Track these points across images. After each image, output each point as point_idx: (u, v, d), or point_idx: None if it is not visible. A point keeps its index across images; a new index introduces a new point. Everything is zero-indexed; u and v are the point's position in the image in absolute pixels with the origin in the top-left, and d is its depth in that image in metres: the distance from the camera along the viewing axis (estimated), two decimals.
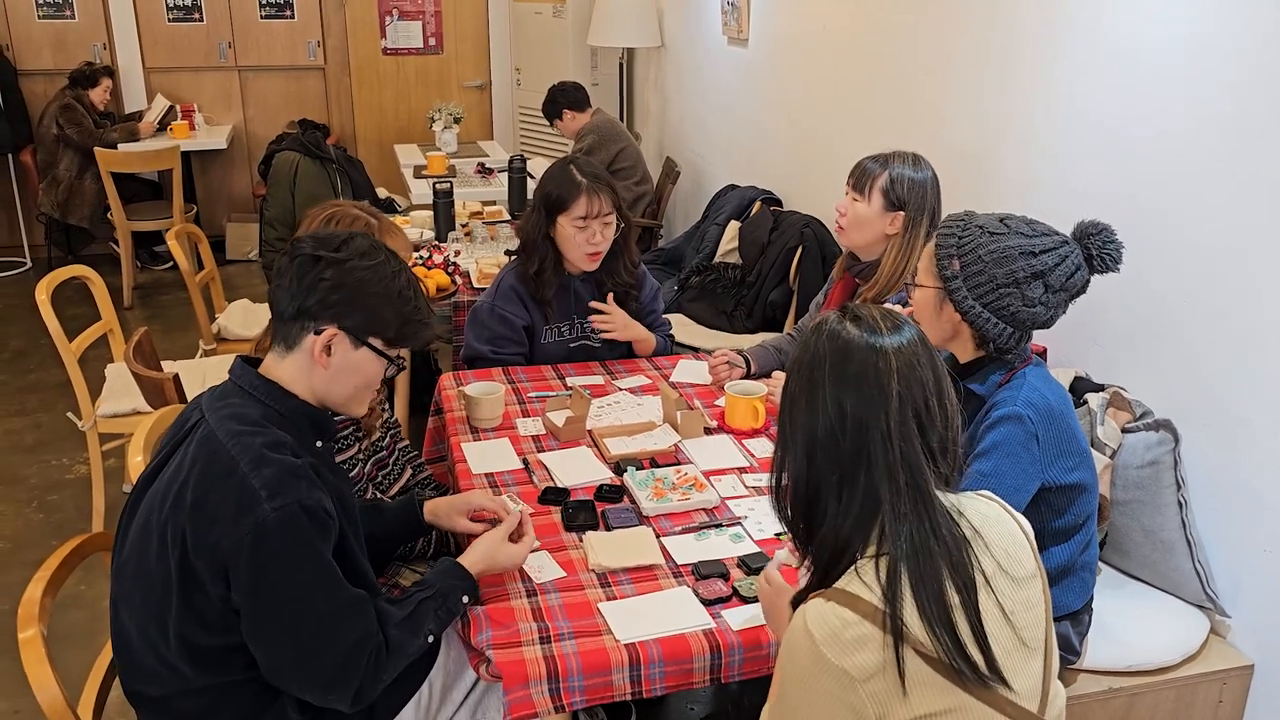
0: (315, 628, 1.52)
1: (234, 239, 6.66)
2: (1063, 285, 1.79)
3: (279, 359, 1.64)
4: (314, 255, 1.60)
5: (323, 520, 1.53)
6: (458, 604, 1.73)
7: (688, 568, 1.90)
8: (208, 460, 1.53)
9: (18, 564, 3.26)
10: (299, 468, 1.53)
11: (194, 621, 1.54)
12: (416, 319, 1.67)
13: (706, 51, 5.43)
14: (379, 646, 1.58)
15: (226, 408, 1.59)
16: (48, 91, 6.23)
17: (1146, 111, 2.38)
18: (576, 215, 2.65)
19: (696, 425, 2.42)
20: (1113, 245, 1.80)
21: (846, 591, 1.26)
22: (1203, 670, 2.14)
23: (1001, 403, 1.82)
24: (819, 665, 1.23)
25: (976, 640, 1.24)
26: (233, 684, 1.59)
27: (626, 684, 1.67)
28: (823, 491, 1.32)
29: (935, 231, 1.88)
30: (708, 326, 4.19)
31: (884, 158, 2.52)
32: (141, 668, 1.61)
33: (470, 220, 4.37)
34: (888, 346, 1.31)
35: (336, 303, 1.59)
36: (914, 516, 1.27)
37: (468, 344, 2.85)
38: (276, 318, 1.64)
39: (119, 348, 3.46)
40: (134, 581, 1.60)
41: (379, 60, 7.11)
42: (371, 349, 1.63)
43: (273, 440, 1.55)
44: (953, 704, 1.24)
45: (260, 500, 1.47)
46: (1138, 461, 2.22)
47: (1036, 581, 1.35)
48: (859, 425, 1.29)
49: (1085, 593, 1.94)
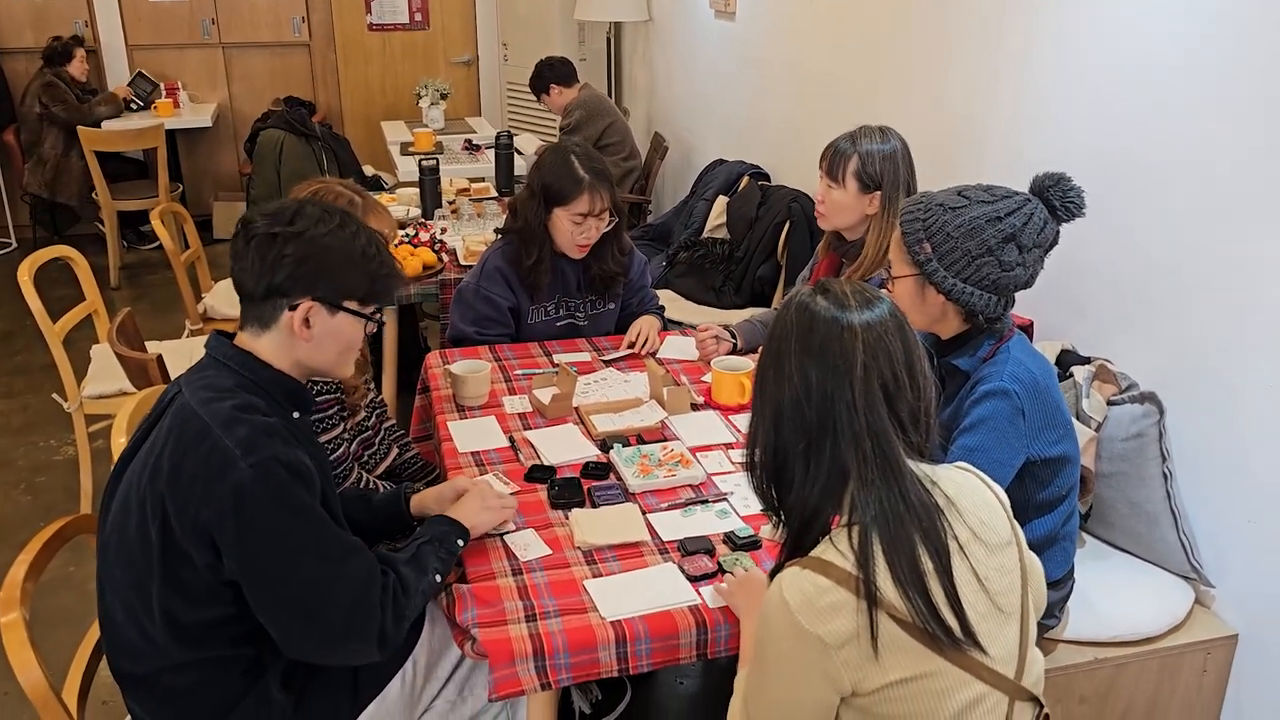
0: (315, 577, 1.51)
1: (221, 218, 6.62)
2: (1035, 242, 1.79)
3: (255, 336, 1.64)
4: (269, 233, 1.59)
5: (302, 472, 1.53)
6: (454, 546, 1.75)
7: (674, 544, 1.90)
8: (181, 429, 1.53)
9: (5, 546, 3.25)
10: (271, 425, 1.53)
11: (177, 595, 1.53)
12: (384, 273, 1.68)
13: (694, 25, 5.40)
14: (392, 585, 1.59)
15: (201, 379, 1.60)
16: (29, 70, 6.16)
17: (1135, 80, 2.36)
18: (576, 211, 2.63)
19: (683, 401, 2.42)
20: (1073, 192, 1.80)
21: (821, 559, 1.28)
22: (1187, 640, 2.15)
23: (987, 378, 1.82)
24: (794, 632, 1.25)
25: (950, 605, 1.26)
26: (218, 660, 1.59)
27: (613, 661, 1.67)
28: (790, 459, 1.34)
29: (897, 220, 1.87)
30: (696, 302, 4.18)
31: (851, 136, 2.50)
32: (126, 645, 1.61)
33: (457, 197, 4.35)
34: (854, 320, 1.32)
35: (304, 275, 1.59)
36: (883, 484, 1.28)
37: (453, 325, 2.83)
38: (245, 299, 1.64)
39: (104, 328, 3.44)
40: (116, 557, 1.60)
41: (365, 36, 7.05)
42: (348, 311, 1.65)
43: (243, 403, 1.55)
44: (928, 669, 1.26)
45: (236, 459, 1.47)
46: (1123, 434, 2.23)
47: (1012, 548, 1.36)
48: (824, 395, 1.30)
49: (1066, 562, 1.95)
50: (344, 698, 1.71)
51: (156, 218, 3.79)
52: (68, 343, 3.23)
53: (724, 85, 5.08)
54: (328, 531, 1.55)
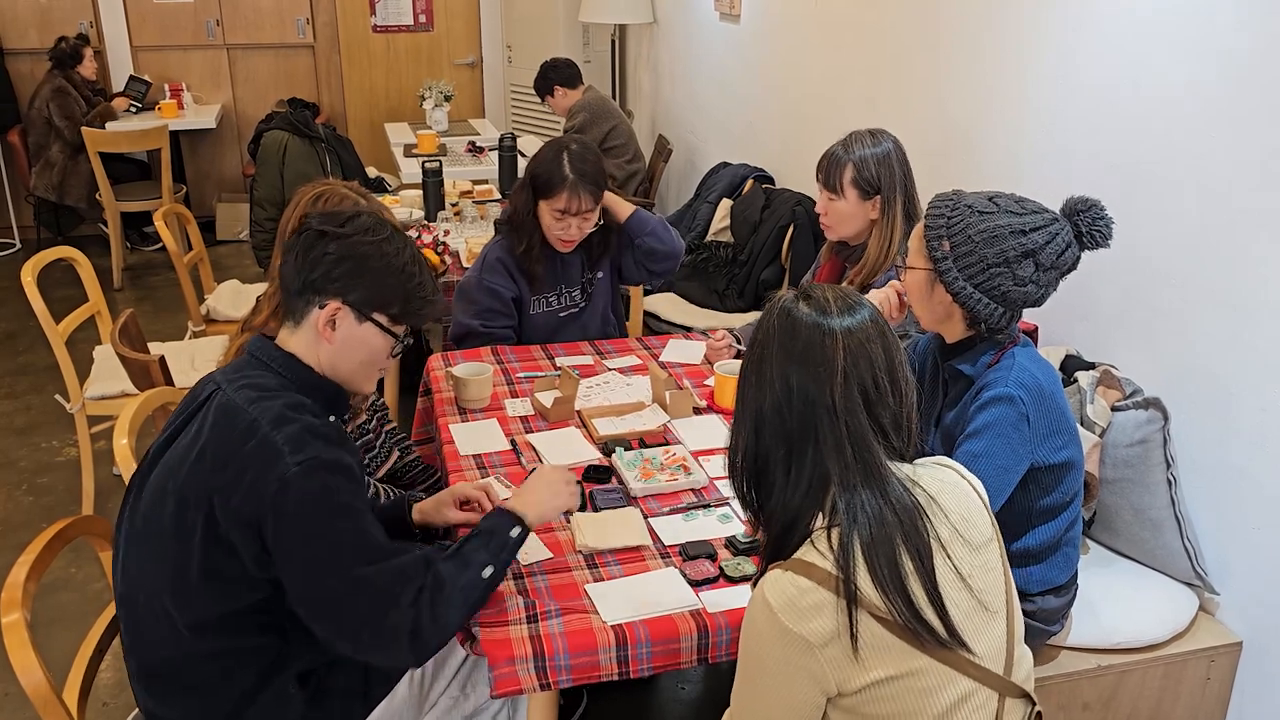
0: (347, 578, 1.51)
1: (224, 219, 6.63)
2: (1053, 263, 1.78)
3: (290, 333, 1.66)
4: (319, 231, 1.62)
5: (348, 473, 1.54)
6: (508, 538, 1.68)
7: (675, 548, 1.89)
8: (228, 423, 1.54)
9: (7, 547, 3.25)
10: (318, 427, 1.54)
11: (214, 582, 1.54)
12: (421, 295, 1.67)
13: (699, 28, 5.40)
14: (429, 585, 1.56)
15: (243, 379, 1.61)
16: (34, 71, 6.17)
17: (1138, 85, 2.36)
18: (556, 207, 2.65)
19: (685, 405, 2.42)
20: (1102, 221, 1.79)
21: (803, 560, 1.28)
22: (1191, 648, 2.14)
23: (992, 383, 1.81)
24: (778, 633, 1.26)
25: (932, 603, 1.26)
26: (242, 650, 1.60)
27: (614, 664, 1.66)
28: (771, 465, 1.35)
29: (925, 212, 1.86)
30: (700, 305, 4.18)
31: (843, 144, 2.48)
32: (148, 634, 1.62)
33: (460, 199, 4.35)
34: (835, 325, 1.33)
35: (340, 276, 1.60)
36: (864, 488, 1.29)
37: (455, 320, 2.84)
38: (285, 293, 1.65)
39: (106, 329, 3.44)
40: (146, 546, 1.60)
41: (369, 38, 7.06)
42: (376, 324, 1.64)
43: (293, 402, 1.57)
44: (913, 667, 1.26)
45: (283, 455, 1.48)
46: (1127, 440, 2.22)
47: (994, 545, 1.37)
48: (805, 400, 1.31)
49: (1070, 568, 1.95)
50: (356, 695, 1.72)
51: (160, 219, 3.79)
52: (70, 344, 3.23)
53: (728, 88, 5.08)
54: (367, 532, 1.54)
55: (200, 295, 4.02)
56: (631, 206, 2.84)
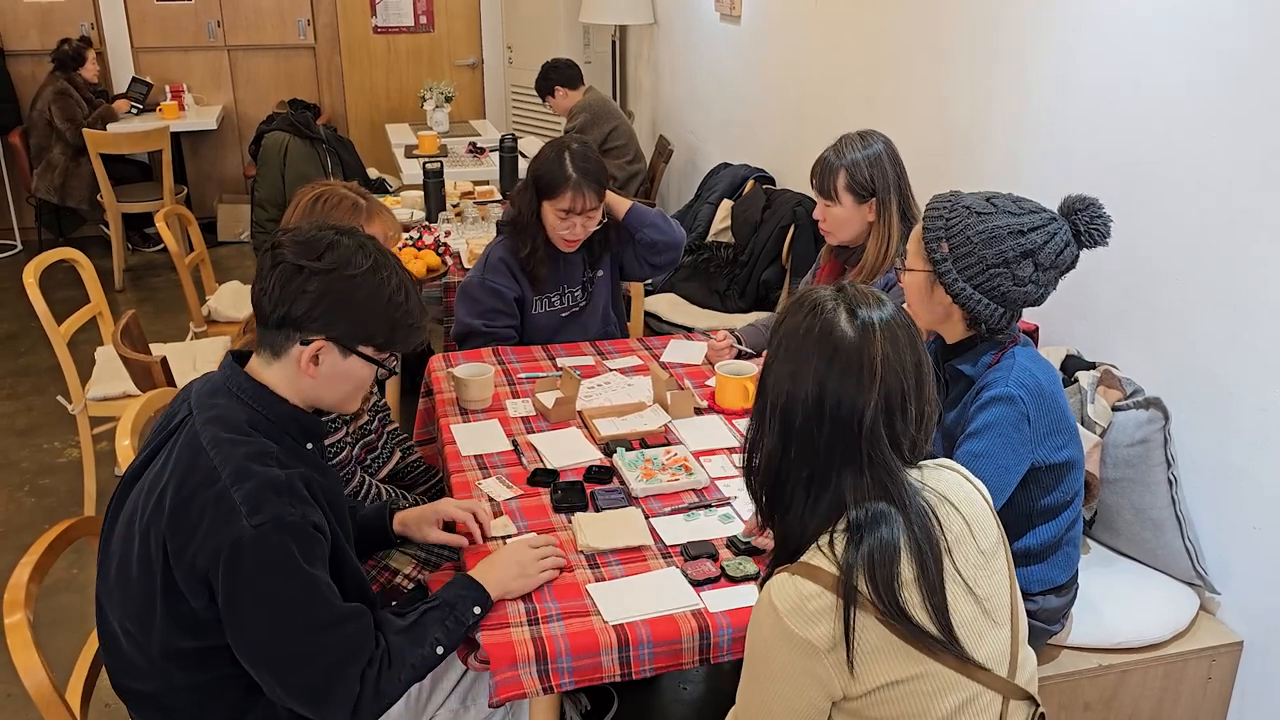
0: (294, 645, 1.48)
1: (225, 220, 6.64)
2: (1052, 263, 1.78)
3: (266, 364, 1.58)
4: (296, 265, 1.52)
5: (306, 535, 1.48)
6: (467, 613, 1.64)
7: (676, 548, 1.89)
8: (190, 465, 1.49)
9: (10, 548, 3.26)
10: (281, 482, 1.47)
11: (175, 626, 1.51)
12: (407, 323, 1.60)
13: (699, 29, 5.40)
14: (379, 658, 1.53)
15: (214, 408, 1.55)
16: (35, 72, 6.18)
17: (1138, 85, 2.36)
18: (560, 207, 2.65)
19: (687, 405, 2.42)
20: (1100, 220, 1.79)
21: (809, 564, 1.28)
22: (1192, 647, 2.15)
23: (992, 383, 1.81)
24: (784, 637, 1.26)
25: (932, 610, 1.26)
26: (219, 680, 1.57)
27: (615, 665, 1.66)
28: (791, 483, 1.34)
29: (923, 214, 1.87)
30: (700, 306, 4.18)
31: (834, 149, 2.48)
32: (127, 664, 1.60)
33: (461, 200, 4.35)
34: (874, 319, 1.31)
35: (322, 313, 1.53)
36: (880, 501, 1.29)
37: (458, 320, 2.84)
38: (260, 321, 1.58)
39: (108, 330, 3.45)
40: (117, 580, 1.58)
41: (370, 39, 7.06)
42: (361, 356, 1.59)
43: (257, 450, 1.50)
44: (918, 670, 1.26)
45: (239, 516, 1.43)
46: (1128, 440, 2.22)
47: (1001, 552, 1.37)
48: (836, 417, 1.29)
49: (1070, 567, 1.95)
50: None
51: (161, 220, 3.79)
52: (72, 345, 3.24)
53: (728, 89, 5.08)
54: (320, 598, 1.49)
55: (202, 296, 4.02)
56: (629, 202, 2.85)
